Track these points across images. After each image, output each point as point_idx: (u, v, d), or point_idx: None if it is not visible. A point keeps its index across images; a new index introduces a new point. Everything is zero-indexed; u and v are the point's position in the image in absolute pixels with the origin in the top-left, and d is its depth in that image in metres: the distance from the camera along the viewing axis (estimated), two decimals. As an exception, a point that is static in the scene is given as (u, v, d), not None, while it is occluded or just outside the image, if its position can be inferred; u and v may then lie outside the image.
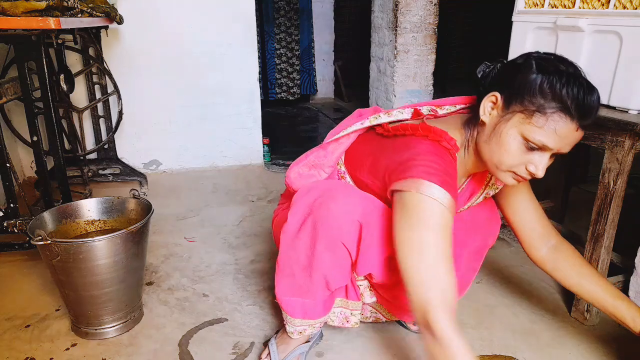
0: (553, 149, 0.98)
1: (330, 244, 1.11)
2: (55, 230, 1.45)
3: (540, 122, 0.96)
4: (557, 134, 0.96)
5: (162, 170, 2.88)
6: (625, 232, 1.50)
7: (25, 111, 1.69)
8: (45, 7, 1.61)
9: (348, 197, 1.11)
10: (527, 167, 1.01)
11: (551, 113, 0.95)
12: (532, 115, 0.96)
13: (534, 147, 0.98)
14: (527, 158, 1.00)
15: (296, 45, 4.98)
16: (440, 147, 1.05)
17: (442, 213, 0.97)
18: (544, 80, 0.96)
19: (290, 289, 1.20)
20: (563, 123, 0.95)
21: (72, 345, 1.38)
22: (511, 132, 0.99)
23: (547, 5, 1.58)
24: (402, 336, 1.44)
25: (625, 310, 1.17)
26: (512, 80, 1.00)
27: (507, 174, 1.05)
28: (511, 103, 1.00)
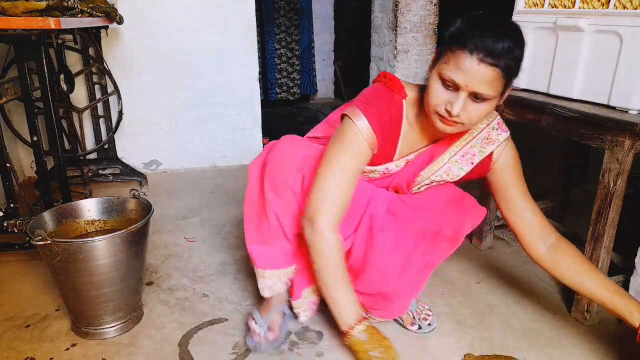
0: (461, 84, 1.07)
1: (275, 187, 1.27)
2: (55, 230, 1.45)
3: (447, 58, 1.08)
4: (460, 69, 1.06)
5: (162, 170, 2.88)
6: (625, 232, 1.50)
7: (25, 111, 1.69)
8: (45, 7, 1.61)
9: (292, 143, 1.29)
10: (445, 105, 1.11)
11: (454, 50, 1.07)
12: (444, 55, 1.09)
13: (448, 86, 1.10)
14: (445, 98, 1.11)
15: (296, 45, 4.98)
16: (385, 88, 1.23)
17: (360, 143, 1.19)
18: (455, 28, 1.09)
19: (255, 236, 1.36)
20: (464, 57, 1.05)
21: (72, 345, 1.38)
22: (434, 76, 1.13)
23: (547, 5, 1.58)
24: (402, 336, 1.44)
25: (623, 306, 1.19)
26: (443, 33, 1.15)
27: (434, 115, 1.15)
28: (439, 53, 1.14)
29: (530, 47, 1.64)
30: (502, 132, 1.29)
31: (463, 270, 1.79)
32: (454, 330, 1.46)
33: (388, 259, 1.31)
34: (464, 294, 1.65)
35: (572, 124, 1.47)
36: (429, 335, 1.44)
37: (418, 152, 1.30)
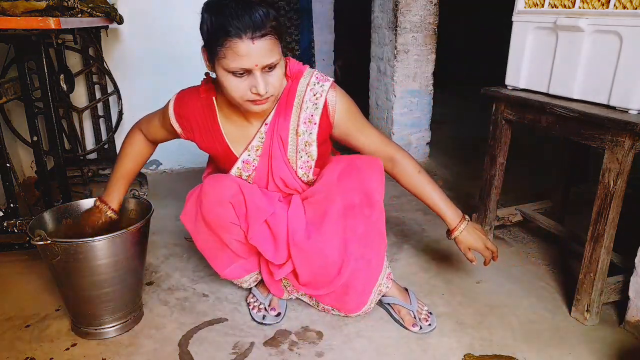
0: (251, 67, 1.12)
1: (223, 227, 1.37)
2: (55, 231, 1.45)
3: (224, 53, 1.12)
4: (238, 55, 1.11)
5: (162, 170, 2.88)
6: (625, 232, 1.50)
7: (25, 111, 1.69)
8: (45, 7, 1.61)
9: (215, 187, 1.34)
10: (251, 90, 1.16)
11: (224, 44, 1.11)
12: (218, 53, 1.13)
13: (241, 74, 1.15)
14: (245, 84, 1.16)
15: (296, 45, 4.97)
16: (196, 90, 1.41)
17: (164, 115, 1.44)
18: (204, 22, 1.16)
19: (222, 265, 1.46)
20: (234, 44, 1.10)
21: (72, 345, 1.38)
22: (221, 74, 1.17)
23: (547, 5, 1.58)
24: (402, 336, 1.44)
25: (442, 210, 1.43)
26: (202, 36, 1.20)
27: (246, 103, 1.21)
28: (210, 53, 1.19)
29: (530, 47, 1.65)
30: (324, 82, 1.36)
31: (463, 271, 1.79)
32: (454, 331, 1.46)
33: (324, 258, 1.37)
34: (464, 294, 1.65)
35: (572, 124, 1.47)
36: (429, 336, 1.44)
37: (258, 138, 1.37)
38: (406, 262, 1.83)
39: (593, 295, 1.45)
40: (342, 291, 1.44)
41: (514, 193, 2.44)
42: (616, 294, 1.50)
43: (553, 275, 1.77)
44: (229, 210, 1.35)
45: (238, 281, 1.54)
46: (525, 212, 1.98)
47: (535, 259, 1.89)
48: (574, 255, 1.89)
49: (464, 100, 5.01)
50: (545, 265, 1.84)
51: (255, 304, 1.53)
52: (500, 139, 1.81)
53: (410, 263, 1.84)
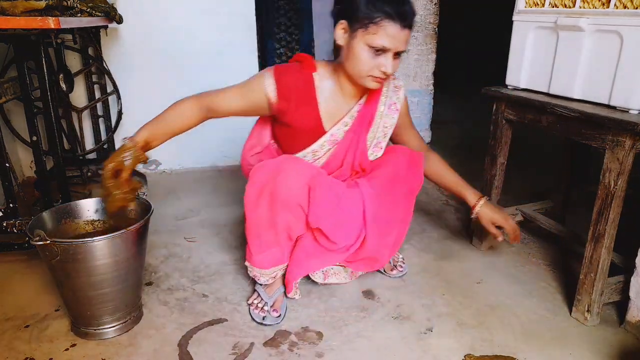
0: (391, 48, 1.29)
1: (288, 206, 1.38)
2: (55, 231, 1.45)
3: (375, 29, 1.27)
4: (389, 36, 1.27)
5: (161, 170, 2.87)
6: (626, 232, 1.50)
7: (24, 111, 1.68)
8: (44, 6, 1.61)
9: (296, 167, 1.38)
10: (379, 69, 1.32)
11: (379, 21, 1.26)
12: (368, 27, 1.27)
13: (378, 51, 1.29)
14: (376, 62, 1.31)
15: (296, 44, 4.97)
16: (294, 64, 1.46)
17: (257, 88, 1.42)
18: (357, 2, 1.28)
19: (259, 247, 1.47)
20: (390, 26, 1.26)
21: (71, 345, 1.38)
22: (360, 44, 1.30)
23: (548, 4, 1.58)
24: (402, 337, 1.43)
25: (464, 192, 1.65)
26: (349, 8, 1.31)
27: (368, 79, 1.36)
28: (353, 24, 1.31)
29: (530, 47, 1.65)
30: (397, 78, 1.58)
31: (463, 271, 1.79)
32: (454, 331, 1.46)
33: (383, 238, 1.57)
34: (465, 295, 1.64)
35: (573, 123, 1.47)
36: (430, 336, 1.44)
37: (349, 115, 1.50)
38: (407, 262, 1.83)
39: (594, 295, 1.44)
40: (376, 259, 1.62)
41: (514, 193, 2.44)
42: (617, 294, 1.50)
43: (554, 276, 1.77)
44: (303, 192, 1.39)
45: (261, 272, 1.52)
46: (526, 212, 1.97)
47: (535, 259, 1.89)
48: (575, 255, 1.89)
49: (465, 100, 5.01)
50: (545, 265, 1.84)
51: (258, 304, 1.53)
52: (500, 139, 1.81)
53: (411, 263, 1.84)
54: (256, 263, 1.51)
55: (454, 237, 2.05)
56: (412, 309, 1.56)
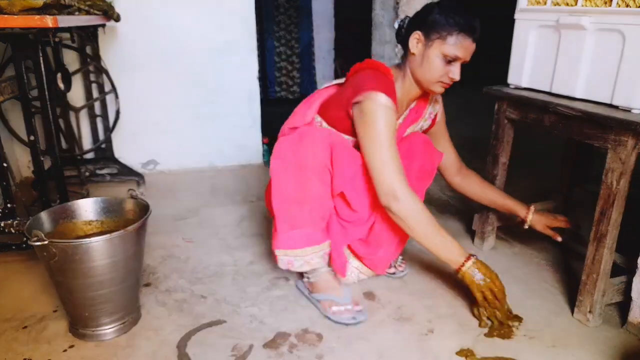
0: (463, 57, 1.42)
1: (318, 173, 1.42)
2: (53, 231, 1.44)
3: (452, 40, 1.40)
4: (463, 47, 1.41)
5: (160, 170, 2.86)
6: (628, 232, 1.49)
7: (22, 110, 1.67)
8: (42, 5, 1.60)
9: (316, 131, 1.46)
10: (448, 75, 1.44)
11: (457, 34, 1.40)
12: (446, 38, 1.40)
13: (450, 60, 1.42)
14: (446, 69, 1.44)
15: (296, 43, 4.96)
16: (379, 73, 1.46)
17: (388, 114, 1.40)
18: (447, 15, 1.40)
19: (289, 224, 1.47)
20: (465, 39, 1.40)
21: (69, 346, 1.37)
22: (435, 53, 1.43)
23: (550, 3, 1.57)
24: (403, 338, 1.42)
25: (512, 204, 1.73)
26: (424, 21, 1.45)
27: (436, 84, 1.47)
28: (430, 35, 1.43)
29: (532, 46, 1.64)
30: None
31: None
32: (456, 332, 1.45)
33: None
34: (466, 295, 1.63)
35: (575, 123, 1.46)
36: (430, 337, 1.43)
37: (403, 115, 1.62)
38: (408, 264, 1.82)
39: (596, 296, 1.43)
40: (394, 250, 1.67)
41: (516, 193, 2.42)
42: (619, 295, 1.49)
43: (555, 276, 1.76)
44: (327, 152, 1.43)
45: (294, 253, 1.49)
46: (527, 212, 1.96)
47: (537, 259, 1.88)
48: (577, 256, 1.87)
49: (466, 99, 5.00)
50: (547, 266, 1.83)
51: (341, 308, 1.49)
52: (502, 139, 1.79)
53: (412, 264, 1.83)
54: (285, 243, 1.48)
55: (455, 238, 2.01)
56: (413, 310, 1.55)
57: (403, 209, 1.39)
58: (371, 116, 1.40)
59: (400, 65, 1.55)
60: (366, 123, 1.41)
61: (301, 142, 1.42)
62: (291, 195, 1.44)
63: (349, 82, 1.51)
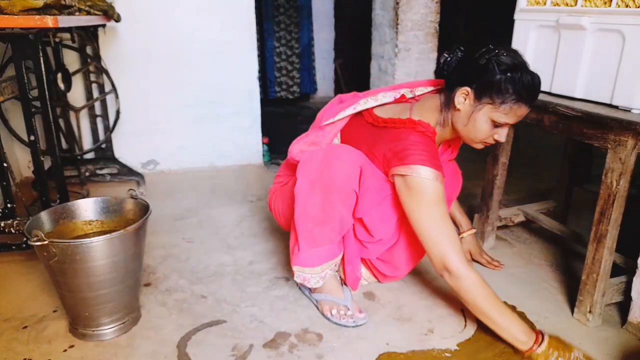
0: (513, 123, 1.35)
1: (344, 196, 1.37)
2: (53, 231, 1.44)
3: (506, 109, 1.29)
4: (516, 115, 1.31)
5: (160, 170, 2.86)
6: (628, 232, 1.49)
7: (22, 110, 1.67)
8: (42, 5, 1.60)
9: (348, 152, 1.38)
10: (493, 137, 1.37)
11: (513, 103, 1.28)
12: (499, 106, 1.29)
13: (498, 125, 1.34)
14: (493, 132, 1.36)
15: (296, 43, 4.96)
16: (425, 137, 1.38)
17: (438, 187, 1.33)
18: (505, 80, 1.26)
19: (311, 243, 1.43)
20: (520, 108, 1.30)
21: (69, 346, 1.37)
22: (483, 118, 1.33)
23: (550, 3, 1.57)
24: (403, 338, 1.42)
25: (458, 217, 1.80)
26: (478, 78, 1.30)
27: (477, 143, 1.41)
28: (481, 96, 1.31)
29: (532, 46, 1.64)
30: None
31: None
32: (456, 332, 1.45)
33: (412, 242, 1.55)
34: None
35: (575, 123, 1.46)
36: (431, 338, 1.43)
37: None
38: (407, 263, 1.82)
39: (596, 296, 1.44)
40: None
41: (516, 193, 2.44)
42: (619, 295, 1.49)
43: (555, 276, 1.76)
44: (356, 176, 1.36)
45: (311, 271, 1.47)
46: (528, 212, 1.96)
47: (537, 259, 1.88)
48: (577, 256, 1.88)
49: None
50: (547, 266, 1.83)
51: (340, 312, 1.49)
52: (501, 139, 1.79)
53: (411, 263, 1.83)
54: (305, 262, 1.45)
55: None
56: (413, 310, 1.55)
57: (459, 285, 1.31)
58: (421, 193, 1.31)
59: (443, 110, 1.41)
60: (415, 199, 1.32)
61: (330, 162, 1.36)
62: (314, 215, 1.39)
63: (385, 135, 1.40)
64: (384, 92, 1.52)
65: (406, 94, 1.53)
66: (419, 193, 1.31)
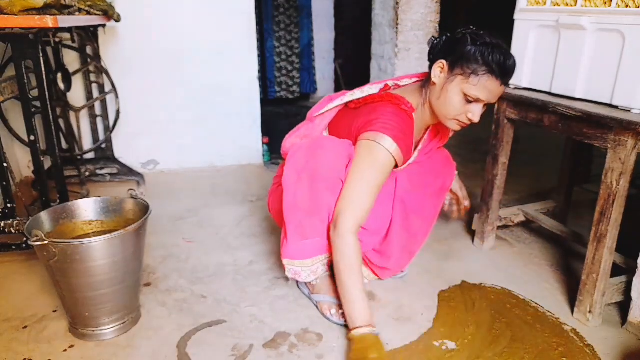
0: (485, 100, 1.31)
1: (331, 184, 1.36)
2: (53, 231, 1.44)
3: (475, 81, 1.28)
4: (487, 89, 1.29)
5: (160, 170, 2.86)
6: (628, 232, 1.49)
7: (22, 110, 1.67)
8: (42, 5, 1.60)
9: (333, 141, 1.40)
10: (467, 115, 1.34)
11: (482, 74, 1.27)
12: (469, 77, 1.28)
13: (470, 100, 1.31)
14: (466, 108, 1.33)
15: (296, 43, 4.96)
16: (400, 110, 1.36)
17: (389, 160, 1.33)
18: (476, 51, 1.27)
19: (300, 234, 1.42)
20: (491, 81, 1.28)
21: (69, 346, 1.37)
22: (455, 90, 1.32)
23: (550, 3, 1.57)
24: (403, 337, 1.42)
25: None
26: (453, 50, 1.31)
27: (452, 121, 1.38)
28: (454, 68, 1.31)
29: (532, 46, 1.64)
30: None
31: (465, 272, 1.78)
32: (457, 332, 1.45)
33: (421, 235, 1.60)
34: (467, 296, 1.63)
35: (575, 123, 1.46)
36: (432, 338, 1.42)
37: (423, 139, 1.55)
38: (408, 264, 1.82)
39: (596, 296, 1.44)
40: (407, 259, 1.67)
41: (516, 193, 2.43)
42: (619, 295, 1.49)
43: (556, 276, 1.76)
44: (343, 163, 1.37)
45: (302, 264, 1.45)
46: (528, 212, 1.96)
47: (538, 259, 1.88)
48: (577, 256, 1.88)
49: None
50: (547, 266, 1.83)
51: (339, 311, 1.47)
52: (502, 139, 1.79)
53: (413, 264, 1.83)
54: (295, 254, 1.44)
55: (455, 238, 2.04)
56: (413, 311, 1.55)
57: (336, 241, 1.33)
58: (371, 157, 1.32)
59: (423, 88, 1.44)
60: (362, 159, 1.34)
61: (317, 151, 1.38)
62: (302, 205, 1.39)
63: (363, 111, 1.42)
64: (370, 85, 1.52)
65: (389, 84, 1.51)
66: (369, 155, 1.33)
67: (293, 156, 1.41)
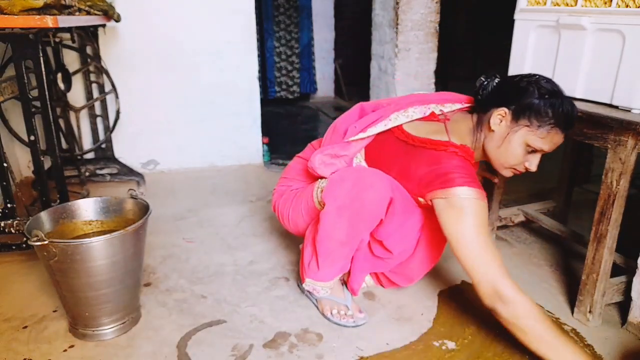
0: (547, 151, 1.32)
1: (371, 224, 1.38)
2: (53, 231, 1.44)
3: (542, 133, 1.28)
4: (552, 142, 1.30)
5: (160, 170, 2.86)
6: (628, 232, 1.49)
7: (22, 110, 1.67)
8: (42, 5, 1.60)
9: (380, 181, 1.35)
10: (525, 164, 1.34)
11: (550, 128, 1.27)
12: (536, 129, 1.28)
13: (533, 151, 1.31)
14: (525, 158, 1.33)
15: (296, 43, 4.96)
16: (466, 161, 1.33)
17: (482, 206, 1.27)
18: (546, 104, 1.26)
19: (330, 263, 1.44)
20: (558, 134, 1.29)
21: (69, 346, 1.37)
22: (519, 141, 1.30)
23: (550, 3, 1.57)
24: (403, 337, 1.42)
25: None
26: (518, 100, 1.29)
27: (507, 169, 1.38)
28: (519, 118, 1.29)
29: (532, 46, 1.64)
30: None
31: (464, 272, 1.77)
32: (457, 332, 1.45)
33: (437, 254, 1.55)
34: (466, 296, 1.63)
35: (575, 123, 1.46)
36: (432, 338, 1.42)
37: None
38: (407, 263, 1.82)
39: (596, 296, 1.43)
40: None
41: (516, 193, 2.43)
42: (619, 295, 1.49)
43: (555, 276, 1.76)
44: (384, 205, 1.35)
45: (323, 285, 1.49)
46: (528, 212, 1.96)
47: (537, 259, 1.88)
48: (577, 256, 1.88)
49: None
50: (547, 266, 1.83)
51: (340, 312, 1.49)
52: (501, 139, 1.79)
53: (411, 263, 1.83)
54: (322, 277, 1.47)
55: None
56: (413, 311, 1.55)
57: (516, 311, 1.20)
58: (466, 213, 1.24)
59: (475, 132, 1.39)
60: (460, 220, 1.25)
61: (361, 192, 1.33)
62: (337, 237, 1.39)
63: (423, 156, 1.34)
64: (413, 107, 1.45)
65: (435, 111, 1.46)
66: (464, 212, 1.24)
67: (335, 189, 1.37)
